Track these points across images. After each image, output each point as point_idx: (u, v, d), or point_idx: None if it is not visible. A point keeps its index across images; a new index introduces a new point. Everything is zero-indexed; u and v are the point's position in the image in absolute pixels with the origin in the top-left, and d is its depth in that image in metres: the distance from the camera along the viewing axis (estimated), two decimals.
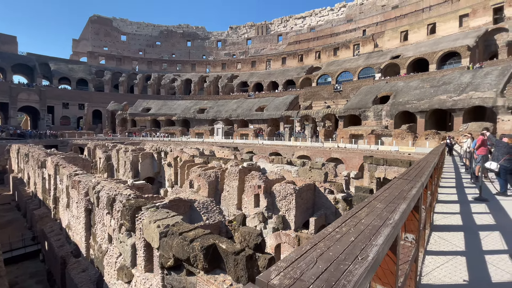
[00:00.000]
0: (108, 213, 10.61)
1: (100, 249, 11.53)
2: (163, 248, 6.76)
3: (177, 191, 23.14)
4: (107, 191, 10.81)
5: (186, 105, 64.56)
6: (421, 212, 2.92)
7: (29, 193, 27.05)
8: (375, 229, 1.33)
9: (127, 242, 8.93)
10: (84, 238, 13.16)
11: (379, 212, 1.61)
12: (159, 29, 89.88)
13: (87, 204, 12.64)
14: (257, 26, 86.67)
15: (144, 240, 7.97)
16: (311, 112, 44.78)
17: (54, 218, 19.14)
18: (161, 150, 29.51)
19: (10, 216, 26.01)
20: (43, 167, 22.16)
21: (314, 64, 67.39)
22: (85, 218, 12.93)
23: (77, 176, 14.30)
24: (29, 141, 43.11)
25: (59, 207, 18.22)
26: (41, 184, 22.67)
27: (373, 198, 1.90)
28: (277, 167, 17.64)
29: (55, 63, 70.08)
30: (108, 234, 10.83)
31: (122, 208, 9.13)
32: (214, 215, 10.17)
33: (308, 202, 14.00)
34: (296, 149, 35.70)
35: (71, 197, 15.06)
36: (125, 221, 8.99)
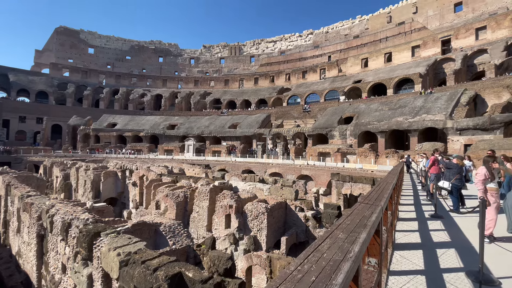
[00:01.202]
0: (62, 240, 9.56)
1: (53, 280, 10.23)
2: (123, 278, 6.19)
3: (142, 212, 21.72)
4: (62, 215, 9.80)
5: (156, 121, 62.52)
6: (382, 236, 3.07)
7: None
8: (336, 264, 1.36)
9: (83, 272, 8.04)
10: (35, 267, 11.65)
11: (340, 243, 1.66)
12: (130, 43, 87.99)
13: (40, 229, 11.30)
14: (231, 47, 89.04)
15: (102, 270, 7.24)
16: (283, 130, 46.05)
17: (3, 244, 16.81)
18: (126, 168, 27.84)
19: None
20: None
21: (285, 85, 70.39)
22: (37, 245, 11.50)
23: (30, 198, 12.82)
24: None
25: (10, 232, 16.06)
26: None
27: (336, 227, 1.97)
28: (250, 185, 17.53)
29: (14, 74, 64.43)
30: (62, 263, 9.69)
31: (79, 234, 8.30)
32: (181, 239, 9.66)
33: (279, 220, 13.98)
34: (268, 167, 36.03)
35: (23, 221, 13.40)
36: (81, 248, 8.14)
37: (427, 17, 58.18)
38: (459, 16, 53.76)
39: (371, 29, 67.66)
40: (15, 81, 63.11)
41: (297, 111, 53.66)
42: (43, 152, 48.77)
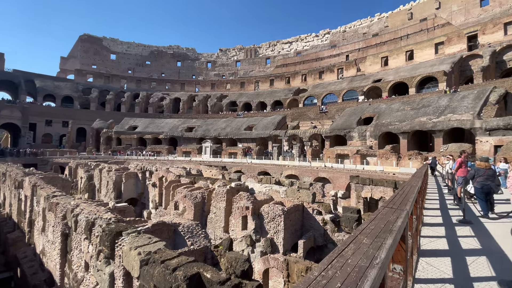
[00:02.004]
0: (86, 239, 9.98)
1: (76, 277, 10.70)
2: (144, 277, 6.35)
3: (161, 213, 22.29)
4: (86, 215, 10.25)
5: (174, 124, 64.15)
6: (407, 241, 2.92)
7: (3, 215, 25.24)
8: (362, 271, 1.29)
9: (105, 270, 8.35)
10: (59, 265, 12.22)
11: (365, 249, 1.58)
12: (150, 49, 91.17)
13: (64, 228, 11.88)
14: (246, 49, 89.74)
15: (123, 269, 7.48)
16: (299, 131, 45.58)
17: (28, 243, 17.82)
18: (146, 170, 28.73)
19: None
20: (20, 187, 20.94)
21: (301, 86, 69.75)
22: (61, 244, 12.09)
23: (55, 198, 13.54)
24: (8, 160, 40.96)
25: (34, 231, 17.03)
26: (17, 206, 21.29)
27: (359, 232, 1.88)
28: (266, 187, 17.47)
29: (41, 80, 68.80)
30: (85, 262, 10.11)
31: (101, 233, 8.63)
32: (199, 239, 9.78)
33: (296, 223, 13.79)
34: (284, 168, 35.77)
35: (48, 220, 14.15)
36: (104, 247, 8.46)
37: (451, 12, 55.43)
38: (485, 11, 50.74)
39: (391, 27, 65.54)
40: (42, 86, 67.19)
41: (313, 112, 52.96)
42: (69, 154, 51.49)
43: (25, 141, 58.40)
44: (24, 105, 60.59)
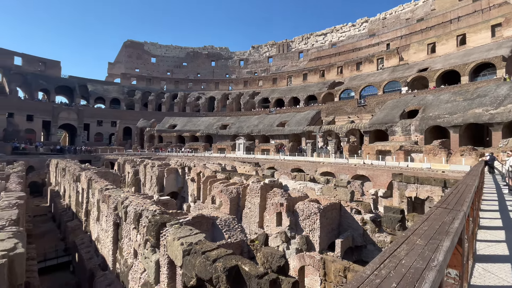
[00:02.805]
0: (134, 228, 10.92)
1: (126, 263, 11.79)
2: (186, 266, 6.76)
3: (200, 206, 23.39)
4: (135, 206, 11.20)
5: (210, 122, 66.52)
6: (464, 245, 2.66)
7: (64, 206, 28.83)
8: (418, 273, 1.22)
9: (152, 258, 9.06)
10: (111, 251, 13.57)
11: (420, 250, 1.48)
12: (186, 51, 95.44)
13: (116, 218, 13.14)
14: (278, 45, 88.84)
15: (168, 257, 8.03)
16: (334, 127, 43.93)
17: (85, 231, 20.06)
18: (185, 165, 30.33)
19: (46, 227, 27.73)
20: (77, 181, 23.66)
21: (336, 79, 66.92)
22: (113, 232, 13.39)
23: (108, 190, 15.02)
24: (67, 156, 46.59)
25: (90, 220, 19.11)
26: (75, 197, 24.10)
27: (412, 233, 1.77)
28: (300, 184, 17.25)
29: (92, 84, 76.52)
30: (134, 249, 11.08)
31: (148, 223, 9.37)
32: (235, 233, 10.07)
33: (333, 222, 13.40)
34: (319, 165, 34.86)
35: (101, 211, 15.78)
36: (150, 237, 9.17)
37: None
38: None
39: (438, 10, 59.30)
40: (93, 90, 74.69)
41: (351, 106, 50.54)
42: (117, 151, 56.71)
43: (81, 139, 65.85)
44: (79, 108, 68.18)
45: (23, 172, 26.94)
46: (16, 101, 60.06)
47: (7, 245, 7.11)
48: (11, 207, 11.17)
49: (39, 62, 70.34)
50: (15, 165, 31.14)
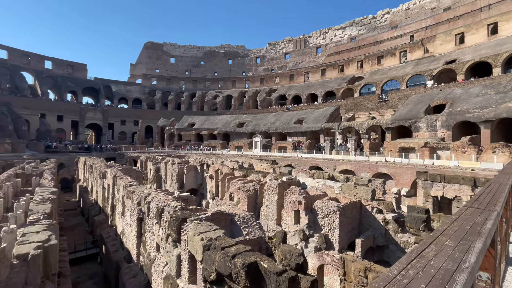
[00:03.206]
0: (157, 223, 11.34)
1: (149, 256, 12.29)
2: (206, 261, 6.92)
3: (218, 203, 23.79)
4: (157, 202, 11.62)
5: (227, 120, 67.22)
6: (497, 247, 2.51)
7: (91, 201, 30.51)
8: (449, 274, 1.17)
9: (173, 252, 9.37)
10: (135, 245, 14.20)
11: (450, 251, 1.42)
12: (203, 50, 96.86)
13: (139, 213, 13.71)
14: (295, 40, 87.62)
15: (188, 252, 8.27)
16: (354, 123, 42.72)
17: (111, 225, 21.12)
18: (203, 163, 30.93)
19: (75, 220, 29.53)
20: (103, 177, 24.92)
21: (356, 74, 64.92)
22: (137, 227, 13.99)
23: (131, 187, 15.69)
24: (93, 154, 49.16)
25: (116, 215, 20.08)
26: (102, 193, 25.42)
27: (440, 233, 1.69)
28: (318, 182, 17.00)
29: (115, 85, 79.95)
30: (156, 243, 11.52)
31: (170, 219, 9.68)
32: (254, 230, 10.14)
33: (353, 221, 13.10)
34: (338, 163, 34.13)
35: (126, 206, 16.53)
36: (172, 231, 9.48)
37: None
38: None
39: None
40: (116, 91, 78.05)
41: (371, 101, 48.88)
42: (139, 149, 58.98)
43: (106, 138, 69.24)
44: (104, 108, 71.62)
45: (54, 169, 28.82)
46: (47, 102, 64.22)
47: (42, 237, 7.67)
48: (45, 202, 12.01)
49: (67, 65, 74.58)
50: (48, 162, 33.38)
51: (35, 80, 66.72)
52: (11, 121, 51.28)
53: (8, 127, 49.77)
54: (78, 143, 59.71)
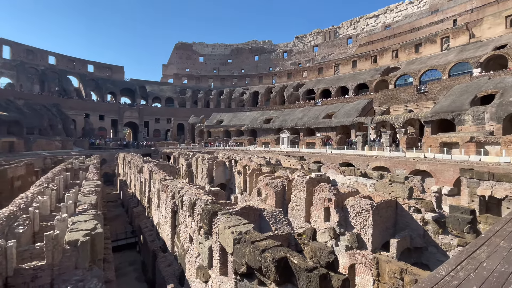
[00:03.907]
0: (189, 216, 11.87)
1: (183, 247, 12.93)
2: (237, 254, 7.10)
3: (246, 198, 24.14)
4: (189, 196, 12.15)
5: (254, 116, 67.57)
6: None
7: (130, 193, 32.85)
8: (504, 277, 1.06)
9: (205, 244, 9.75)
10: (170, 236, 15.03)
11: (504, 253, 1.29)
12: (230, 47, 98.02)
13: (173, 206, 14.46)
14: (324, 32, 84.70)
15: (219, 244, 8.55)
16: (389, 117, 40.30)
17: (147, 216, 22.59)
18: (231, 159, 31.55)
19: (116, 211, 32.05)
20: (140, 172, 26.64)
21: (391, 64, 60.96)
22: (171, 218, 14.79)
23: (166, 181, 16.58)
24: (131, 150, 52.75)
25: (152, 207, 21.42)
26: (139, 187, 27.23)
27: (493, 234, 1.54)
28: (350, 179, 16.39)
29: (150, 85, 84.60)
30: (189, 235, 12.08)
31: (201, 212, 10.08)
32: (282, 226, 10.14)
33: (388, 220, 12.46)
34: (371, 160, 32.57)
35: (161, 199, 17.53)
36: (204, 224, 9.87)
37: None
38: None
39: None
40: (151, 91, 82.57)
41: (408, 93, 45.65)
42: (172, 146, 61.99)
43: (142, 135, 73.82)
44: (139, 107, 76.31)
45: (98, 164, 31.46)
46: (91, 103, 70.18)
47: (89, 225, 8.45)
48: (91, 194, 13.20)
49: (106, 68, 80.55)
50: (92, 158, 36.56)
51: (80, 82, 73.12)
52: (60, 120, 56.98)
53: (58, 126, 55.37)
54: (117, 140, 64.65)
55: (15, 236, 8.18)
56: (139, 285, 16.76)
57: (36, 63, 65.02)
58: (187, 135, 71.89)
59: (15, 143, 41.37)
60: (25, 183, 23.76)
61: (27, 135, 45.35)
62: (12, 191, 21.10)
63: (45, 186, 14.88)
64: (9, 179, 21.41)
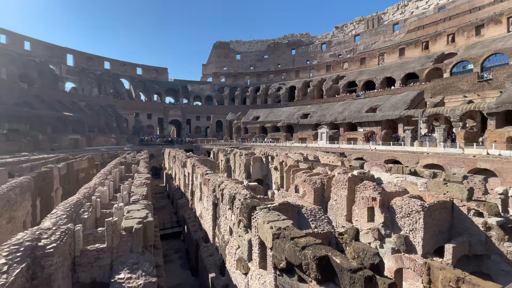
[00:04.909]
0: (229, 209, 12.27)
1: (223, 239, 13.45)
2: (276, 249, 7.11)
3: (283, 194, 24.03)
4: (229, 190, 12.53)
5: (290, 111, 66.62)
6: None
7: (175, 186, 35.21)
8: None
9: (245, 237, 9.99)
10: (211, 227, 15.75)
11: None
12: (267, 43, 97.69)
13: (214, 199, 15.09)
14: (367, 20, 79.16)
15: (258, 238, 8.67)
16: (444, 109, 36.21)
17: (190, 208, 23.98)
18: (268, 155, 31.65)
19: (163, 202, 34.65)
20: (184, 166, 28.33)
21: (446, 50, 54.47)
22: (212, 211, 15.46)
23: (207, 175, 17.35)
24: (175, 146, 56.42)
25: (194, 199, 22.66)
26: (183, 180, 29.01)
27: None
28: (397, 177, 15.17)
29: (191, 85, 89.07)
30: (229, 227, 12.50)
31: (241, 206, 10.32)
32: (322, 224, 9.86)
33: (442, 223, 11.29)
34: (421, 156, 29.75)
35: (203, 192, 18.43)
36: (243, 218, 10.10)
37: None
38: None
39: None
40: (192, 90, 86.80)
41: (467, 82, 40.42)
42: (212, 142, 64.64)
43: (184, 132, 78.41)
44: (182, 106, 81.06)
45: (147, 159, 34.28)
46: (140, 103, 76.69)
47: (142, 214, 9.25)
48: (142, 185, 14.43)
49: (152, 70, 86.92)
50: (142, 153, 39.96)
51: (130, 84, 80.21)
52: (115, 119, 63.44)
53: (113, 125, 61.73)
54: (163, 137, 69.79)
55: (81, 221, 9.36)
56: (184, 272, 17.95)
57: (94, 68, 73.05)
58: (225, 132, 74.15)
59: (79, 140, 47.30)
60: (87, 175, 27.08)
61: (88, 133, 51.49)
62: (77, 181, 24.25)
63: (104, 178, 16.73)
64: (75, 171, 24.61)
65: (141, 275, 6.79)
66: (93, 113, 58.67)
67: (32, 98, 49.97)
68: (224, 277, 12.04)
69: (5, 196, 12.26)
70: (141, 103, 77.38)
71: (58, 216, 8.71)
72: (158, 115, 77.29)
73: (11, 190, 12.93)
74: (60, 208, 9.58)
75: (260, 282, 8.25)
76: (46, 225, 7.61)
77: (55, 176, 19.71)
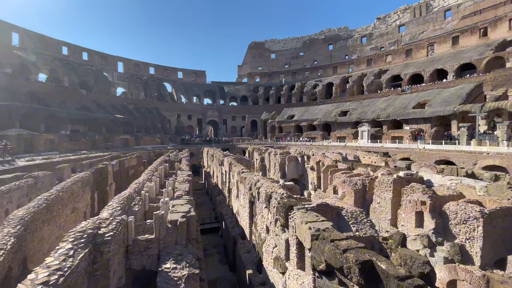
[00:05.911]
0: (266, 207, 12.37)
1: (260, 236, 13.61)
2: (315, 250, 6.97)
3: (320, 195, 23.39)
4: (265, 188, 12.63)
5: (327, 109, 64.40)
6: None
7: (213, 183, 36.63)
8: None
9: (282, 236, 9.98)
10: (248, 224, 16.05)
11: None
12: (302, 40, 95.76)
13: (250, 197, 15.35)
14: (413, 8, 72.73)
15: (296, 238, 8.58)
16: (507, 104, 31.69)
17: (228, 204, 24.73)
18: (304, 154, 31.05)
19: (202, 198, 36.28)
20: (221, 165, 29.31)
21: (508, 37, 47.48)
22: (249, 208, 15.75)
23: (244, 173, 17.72)
24: (213, 145, 58.69)
25: (232, 196, 23.31)
26: (220, 178, 30.04)
27: None
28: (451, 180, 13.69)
29: (227, 86, 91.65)
30: (266, 226, 12.61)
31: (277, 205, 10.33)
32: (364, 227, 9.36)
33: (505, 232, 9.91)
34: (480, 157, 26.43)
35: (239, 189, 18.87)
36: (280, 217, 10.10)
37: None
38: None
39: None
40: (228, 91, 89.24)
41: None
42: (247, 141, 65.75)
43: (221, 132, 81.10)
44: (219, 107, 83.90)
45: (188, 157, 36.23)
46: (181, 105, 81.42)
47: (185, 208, 9.83)
48: (184, 182, 15.31)
49: (192, 73, 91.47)
50: (183, 152, 42.39)
51: (172, 88, 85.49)
52: (159, 121, 68.34)
53: (158, 125, 66.54)
54: (201, 137, 73.21)
55: (133, 213, 10.30)
56: (222, 266, 18.61)
57: (141, 74, 79.47)
58: (260, 131, 74.71)
59: (128, 140, 52.01)
60: (136, 171, 29.64)
61: (136, 133, 56.33)
62: (127, 177, 26.70)
63: (151, 174, 18.15)
64: (126, 168, 27.12)
65: (185, 266, 7.23)
66: (140, 115, 63.99)
67: (90, 103, 56.43)
68: (261, 274, 12.19)
69: (70, 189, 14.06)
70: (182, 105, 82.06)
71: (114, 208, 9.71)
72: (197, 116, 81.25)
73: (74, 184, 14.78)
74: (115, 201, 10.66)
75: (298, 283, 8.17)
76: (104, 216, 8.54)
77: (110, 172, 21.99)
